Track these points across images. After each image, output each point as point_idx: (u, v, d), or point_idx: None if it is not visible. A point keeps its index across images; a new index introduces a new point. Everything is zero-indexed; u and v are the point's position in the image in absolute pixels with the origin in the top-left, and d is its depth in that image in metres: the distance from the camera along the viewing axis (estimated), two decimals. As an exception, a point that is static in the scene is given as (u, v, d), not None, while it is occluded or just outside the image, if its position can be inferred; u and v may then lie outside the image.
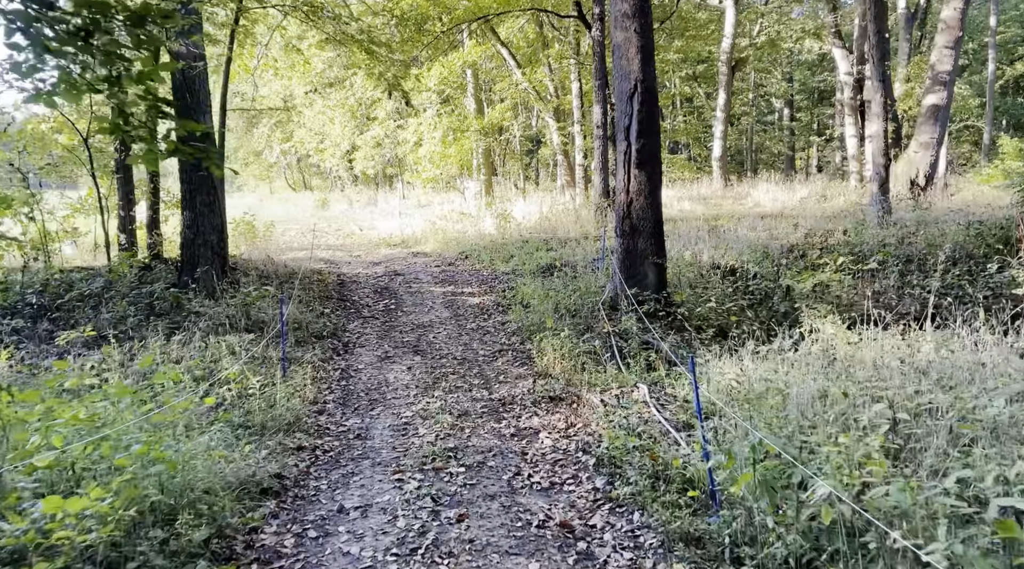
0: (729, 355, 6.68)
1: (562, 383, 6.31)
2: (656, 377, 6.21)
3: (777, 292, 9.02)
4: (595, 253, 11.91)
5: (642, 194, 8.22)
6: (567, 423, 5.39)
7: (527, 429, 5.40)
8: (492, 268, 12.33)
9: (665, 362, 6.50)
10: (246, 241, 11.76)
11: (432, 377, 6.96)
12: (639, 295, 7.96)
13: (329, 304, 9.66)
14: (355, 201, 30.29)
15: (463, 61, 17.85)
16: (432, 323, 9.03)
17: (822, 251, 11.09)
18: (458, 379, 6.91)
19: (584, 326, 7.95)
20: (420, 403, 6.16)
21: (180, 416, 4.17)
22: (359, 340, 8.34)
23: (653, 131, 8.26)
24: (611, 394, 5.78)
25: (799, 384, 4.85)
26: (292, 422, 5.39)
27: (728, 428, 4.35)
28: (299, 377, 6.62)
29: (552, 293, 9.10)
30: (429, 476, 4.48)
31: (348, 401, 6.33)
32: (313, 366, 7.12)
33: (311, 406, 6.08)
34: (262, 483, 4.16)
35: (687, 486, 3.83)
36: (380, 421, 5.78)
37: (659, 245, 8.33)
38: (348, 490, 4.32)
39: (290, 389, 6.16)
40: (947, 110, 18.05)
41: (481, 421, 5.62)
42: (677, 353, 6.59)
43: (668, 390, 5.87)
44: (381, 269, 12.84)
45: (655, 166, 8.29)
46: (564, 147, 19.27)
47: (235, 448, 4.51)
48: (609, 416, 5.20)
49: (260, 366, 6.79)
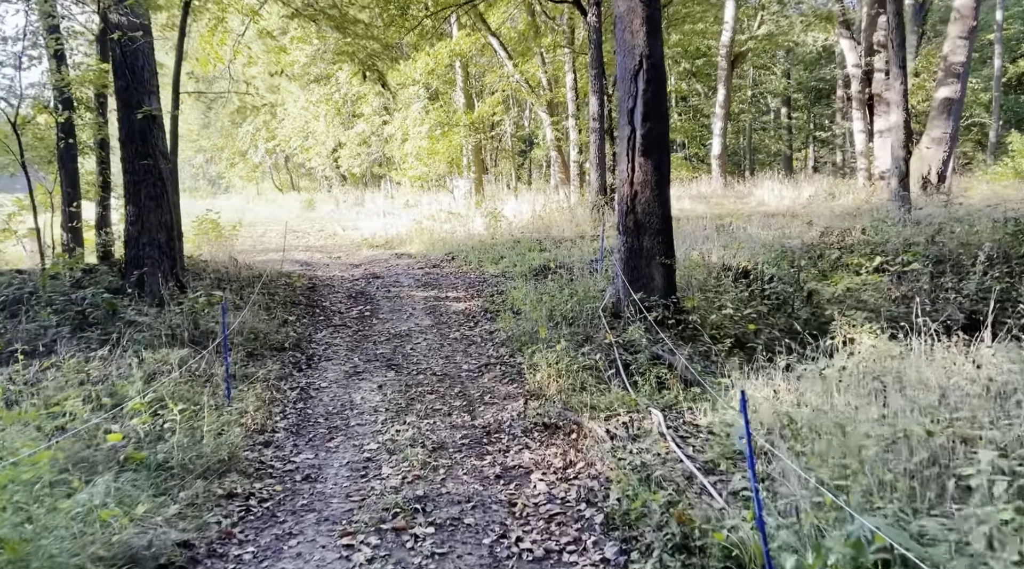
0: (756, 373, 5.69)
1: (558, 406, 5.30)
2: (670, 399, 5.21)
3: (797, 297, 8.05)
4: (593, 254, 10.92)
5: (648, 186, 7.23)
6: (565, 461, 4.37)
7: (516, 468, 4.38)
8: (480, 270, 11.32)
9: (680, 381, 5.50)
10: (209, 241, 10.73)
11: (406, 398, 5.93)
12: (645, 300, 6.96)
13: (295, 311, 8.62)
14: (342, 202, 29.24)
15: (450, 49, 16.84)
16: (411, 332, 8.01)
17: (841, 251, 10.13)
18: (436, 400, 5.89)
19: (583, 336, 6.95)
20: (389, 431, 5.13)
21: (45, 468, 3.12)
22: (326, 352, 7.31)
23: (661, 114, 7.27)
24: (618, 422, 4.76)
25: (856, 415, 3.86)
26: (225, 460, 4.35)
27: (776, 476, 3.35)
28: (248, 399, 5.59)
29: (546, 298, 8.10)
30: (387, 540, 3.44)
31: (303, 429, 5.29)
32: (267, 384, 6.08)
33: (257, 436, 5.04)
34: (160, 557, 3.12)
35: (731, 566, 2.81)
36: (337, 456, 4.75)
37: (667, 244, 7.33)
38: (279, 563, 3.28)
39: (232, 415, 5.13)
40: (960, 104, 17.16)
41: (460, 457, 4.60)
42: (694, 369, 5.59)
43: (687, 416, 4.86)
44: (359, 272, 11.80)
45: (663, 154, 7.30)
46: (558, 143, 18.30)
47: (137, 503, 3.47)
48: (618, 453, 4.19)
49: (203, 386, 5.75)
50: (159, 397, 5.21)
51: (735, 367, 6.13)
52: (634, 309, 7.18)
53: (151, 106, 7.48)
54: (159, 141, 7.65)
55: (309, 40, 22.81)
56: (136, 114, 7.25)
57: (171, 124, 8.43)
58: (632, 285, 7.24)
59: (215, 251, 10.44)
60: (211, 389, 5.70)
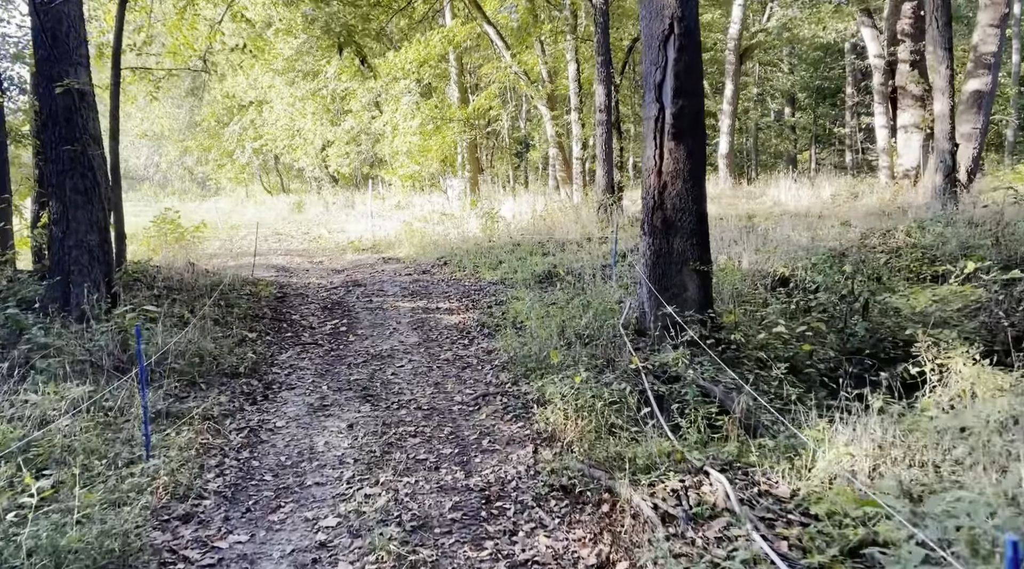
0: (823, 408, 4.45)
1: (580, 458, 4.02)
2: (730, 452, 3.92)
3: (852, 309, 6.80)
4: (603, 258, 9.65)
5: (680, 176, 5.96)
6: (599, 556, 3.09)
7: (529, 565, 3.09)
8: (476, 277, 10.04)
9: (739, 426, 4.21)
10: (167, 244, 9.45)
11: (382, 442, 4.64)
12: (677, 315, 5.68)
13: (258, 326, 7.31)
14: (331, 204, 27.97)
15: (443, 35, 15.58)
16: (393, 352, 6.71)
17: (888, 255, 8.90)
18: (421, 445, 4.61)
19: (602, 360, 5.67)
20: (355, 497, 3.84)
21: None
22: (288, 379, 6.00)
23: (695, 89, 6.01)
24: (666, 489, 3.47)
25: None
26: (116, 553, 3.05)
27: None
28: (175, 447, 4.29)
29: (554, 311, 6.82)
30: None
31: (241, 491, 3.99)
32: (206, 424, 4.77)
33: (176, 505, 3.73)
34: None
35: None
36: (281, 537, 3.45)
37: (703, 246, 6.07)
38: None
39: (144, 476, 3.83)
40: (991, 97, 15.95)
41: (449, 543, 3.31)
42: (757, 412, 4.31)
43: (760, 480, 3.58)
44: (340, 278, 10.50)
45: (698, 138, 6.04)
46: (559, 139, 17.05)
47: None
48: (676, 546, 2.90)
49: (118, 430, 4.46)
50: (48, 450, 3.91)
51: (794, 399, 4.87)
52: (662, 325, 5.92)
53: (78, 79, 6.18)
54: (89, 123, 6.35)
55: (294, 33, 21.55)
56: (56, 89, 5.95)
57: (111, 103, 7.12)
58: (660, 296, 5.98)
59: (174, 256, 9.15)
60: (128, 434, 4.40)
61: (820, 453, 3.58)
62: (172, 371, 5.52)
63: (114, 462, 4.06)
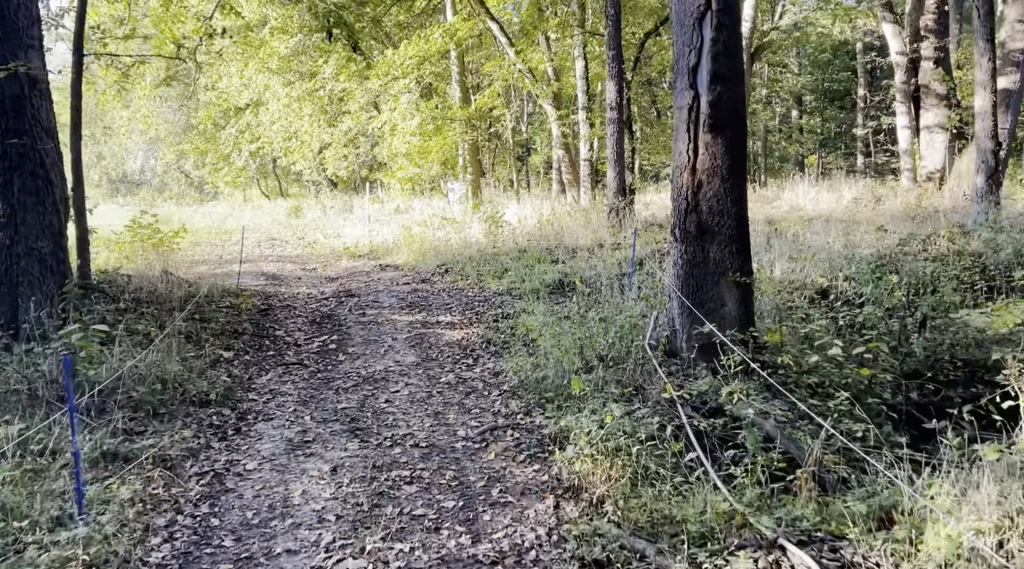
0: (938, 466, 3.65)
1: (616, 520, 3.23)
2: (805, 516, 3.13)
3: (912, 328, 6.02)
4: (619, 266, 8.86)
5: (717, 174, 5.19)
6: None
7: None
8: (480, 286, 9.25)
9: (814, 479, 3.41)
10: (145, 251, 8.68)
11: (372, 492, 3.86)
12: (713, 334, 4.89)
13: (237, 343, 6.52)
14: (329, 208, 27.30)
15: (444, 30, 14.83)
16: (387, 375, 5.92)
17: (934, 264, 8.11)
18: (418, 496, 3.82)
19: (630, 386, 4.88)
20: (334, 573, 3.05)
21: None
22: (266, 407, 5.21)
23: (735, 73, 5.24)
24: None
25: None
26: None
27: None
28: (116, 502, 3.50)
29: (570, 327, 6.03)
30: None
31: (193, 563, 3.20)
32: (160, 469, 3.98)
33: (108, 584, 2.95)
34: None
35: None
36: (235, 635, 2.67)
37: (743, 255, 5.29)
38: None
39: (67, 547, 3.04)
40: (1020, 96, 15.18)
41: (454, 650, 2.52)
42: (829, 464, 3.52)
43: (853, 556, 2.78)
44: (332, 288, 9.71)
45: (738, 129, 5.28)
46: (565, 140, 16.29)
47: None
48: None
49: (54, 478, 3.67)
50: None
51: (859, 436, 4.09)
52: (698, 347, 5.13)
53: (29, 64, 5.41)
54: (41, 113, 5.58)
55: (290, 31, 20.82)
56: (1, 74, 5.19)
57: (72, 93, 6.35)
58: (695, 311, 5.19)
59: (151, 264, 8.38)
60: (62, 484, 3.62)
61: (927, 520, 2.79)
62: (128, 400, 4.74)
63: (37, 524, 3.27)
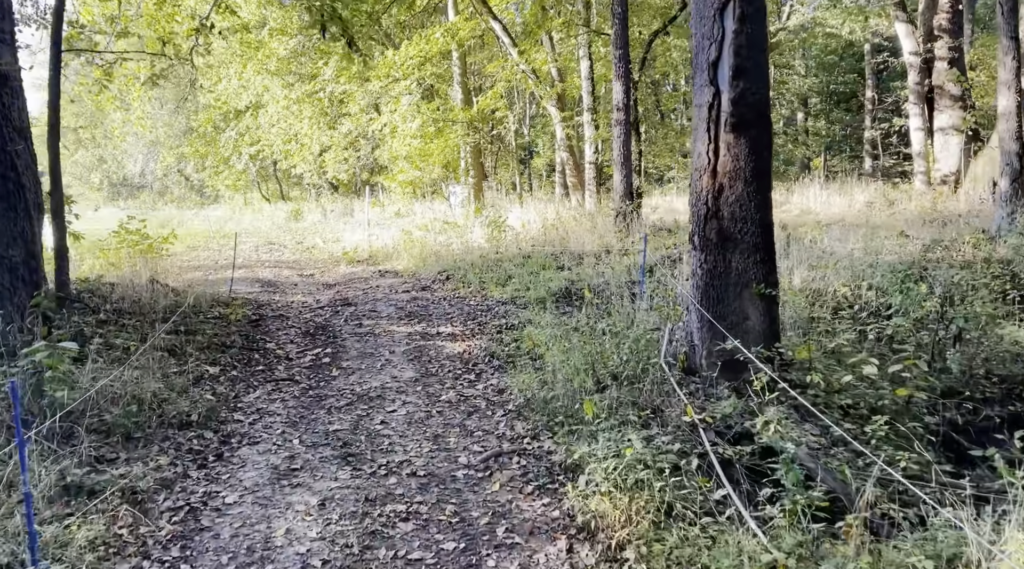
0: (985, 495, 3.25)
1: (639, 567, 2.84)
2: (856, 567, 2.73)
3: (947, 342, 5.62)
4: (628, 273, 8.47)
5: (740, 177, 4.79)
6: None
7: None
8: (483, 294, 8.85)
9: (865, 527, 3.00)
10: (131, 258, 8.30)
11: (362, 531, 3.46)
12: (736, 350, 4.49)
13: (224, 357, 6.12)
14: (329, 211, 26.99)
15: (445, 30, 14.46)
16: (384, 392, 5.52)
17: (961, 271, 7.70)
18: (415, 535, 3.42)
19: (647, 408, 4.48)
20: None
21: None
22: (252, 429, 4.81)
23: (760, 68, 4.85)
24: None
25: None
26: None
27: None
28: (76, 545, 3.11)
29: (579, 340, 5.63)
30: None
31: (157, 621, 2.81)
32: (129, 503, 3.59)
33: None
34: None
35: None
36: None
37: (768, 264, 4.89)
38: None
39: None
40: (1038, 96, 14.85)
41: None
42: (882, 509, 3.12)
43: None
44: (329, 295, 9.32)
45: (763, 129, 4.88)
46: (569, 142, 15.90)
47: None
48: None
49: (5, 516, 3.28)
50: None
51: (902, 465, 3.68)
52: (721, 364, 4.73)
53: None
54: (12, 112, 5.20)
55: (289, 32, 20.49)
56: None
57: (50, 92, 5.97)
58: (715, 326, 4.79)
59: (138, 271, 7.99)
60: (18, 522, 3.23)
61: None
62: (100, 423, 4.35)
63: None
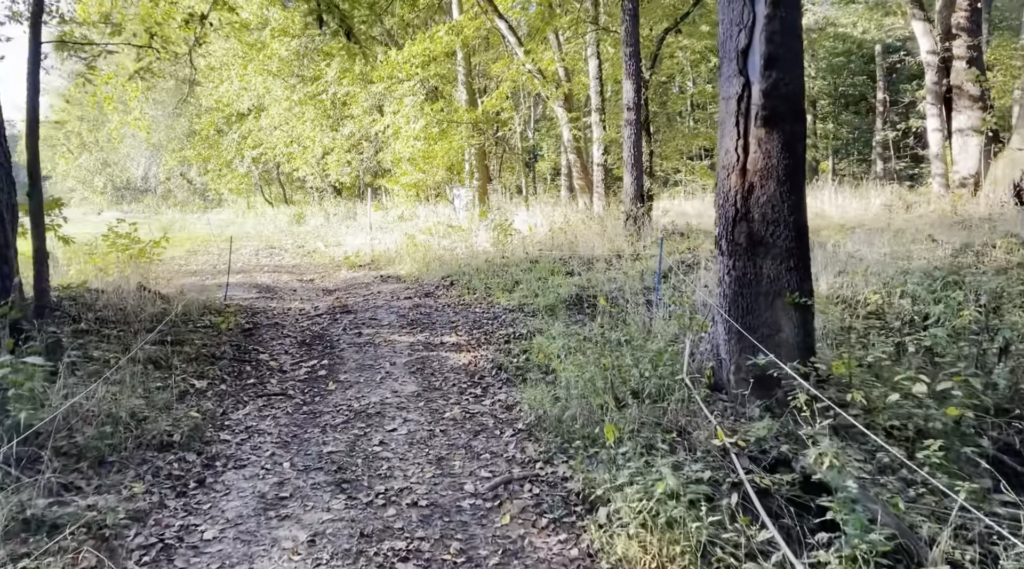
0: None
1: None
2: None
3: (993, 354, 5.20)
4: (640, 278, 8.05)
5: (771, 175, 4.38)
6: None
7: None
8: (488, 301, 8.45)
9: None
10: (121, 263, 7.91)
11: (356, 573, 3.05)
12: (773, 366, 4.07)
13: (213, 369, 5.72)
14: (332, 215, 26.71)
15: (449, 28, 14.09)
16: (384, 408, 5.12)
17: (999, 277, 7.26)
18: (415, 580, 3.01)
19: (672, 430, 4.07)
20: None
21: None
22: (240, 451, 4.41)
23: (794, 56, 4.44)
24: None
25: None
26: None
27: None
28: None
29: (593, 350, 5.22)
30: None
31: None
32: (96, 539, 3.19)
33: None
34: None
35: None
36: None
37: (802, 271, 4.47)
38: None
39: None
40: (1060, 96, 14.41)
41: None
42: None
43: None
44: (328, 302, 8.92)
45: (797, 123, 4.46)
46: (577, 144, 15.51)
47: None
48: None
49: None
50: None
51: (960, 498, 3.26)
52: (753, 381, 4.31)
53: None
54: (-17, 106, 4.82)
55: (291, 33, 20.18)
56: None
57: (28, 86, 5.59)
58: (744, 337, 4.38)
59: (127, 276, 7.62)
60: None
61: None
62: (71, 446, 3.95)
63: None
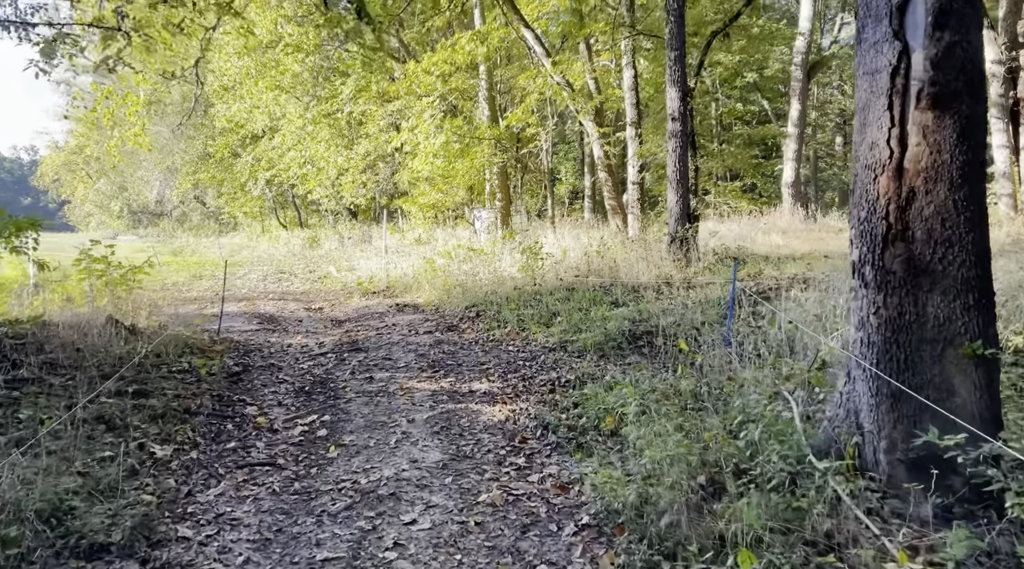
0: None
1: None
2: None
3: None
4: (702, 311, 6.79)
5: (943, 178, 3.15)
6: None
7: None
8: (523, 337, 7.21)
9: None
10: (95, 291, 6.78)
11: None
12: (939, 445, 2.80)
13: (183, 429, 4.50)
14: (347, 238, 25.84)
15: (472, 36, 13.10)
16: (399, 487, 3.87)
17: None
18: None
19: (817, 540, 2.79)
20: None
21: None
22: (199, 558, 3.17)
23: (974, 11, 3.23)
24: None
25: None
26: None
27: None
28: None
29: (671, 409, 3.96)
30: None
31: None
32: None
33: None
34: None
35: None
36: None
37: (985, 310, 3.20)
38: None
39: None
40: None
41: None
42: None
43: None
44: (335, 336, 7.73)
45: (977, 106, 3.22)
46: (608, 161, 14.37)
47: None
48: None
49: None
50: None
51: None
52: (907, 459, 3.04)
53: None
54: None
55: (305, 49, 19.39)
56: None
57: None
58: (897, 398, 3.12)
59: (102, 307, 6.50)
60: None
61: None
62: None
63: None
